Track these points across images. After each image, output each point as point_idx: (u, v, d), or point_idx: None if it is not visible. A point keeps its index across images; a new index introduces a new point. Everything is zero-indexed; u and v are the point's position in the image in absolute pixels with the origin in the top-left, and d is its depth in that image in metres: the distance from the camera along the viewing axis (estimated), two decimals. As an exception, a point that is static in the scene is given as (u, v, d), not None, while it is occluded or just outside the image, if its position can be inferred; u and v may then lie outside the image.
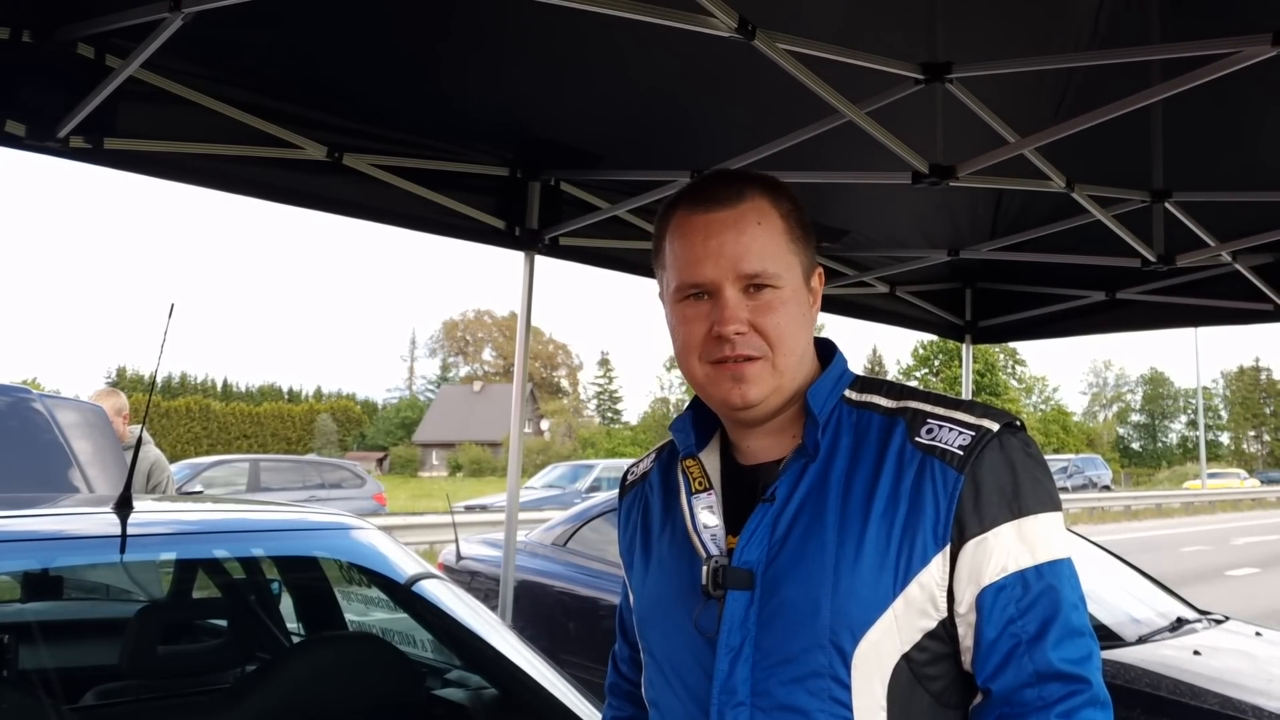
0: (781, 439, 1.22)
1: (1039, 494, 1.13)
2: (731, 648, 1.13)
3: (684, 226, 1.20)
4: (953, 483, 1.11)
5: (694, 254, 1.18)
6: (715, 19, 2.16)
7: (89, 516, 2.49)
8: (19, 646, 2.55)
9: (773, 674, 1.11)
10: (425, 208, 3.40)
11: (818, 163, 3.16)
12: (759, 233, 1.17)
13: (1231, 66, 2.27)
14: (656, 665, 1.26)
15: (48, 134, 2.52)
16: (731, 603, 1.14)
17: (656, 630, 1.26)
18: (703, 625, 1.16)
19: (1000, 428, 1.14)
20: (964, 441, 1.13)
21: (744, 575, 1.14)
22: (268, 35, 2.62)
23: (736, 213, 1.18)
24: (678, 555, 1.23)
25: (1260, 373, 76.96)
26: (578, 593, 5.50)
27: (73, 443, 3.80)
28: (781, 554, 1.14)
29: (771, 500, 1.16)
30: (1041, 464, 1.16)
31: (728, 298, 1.16)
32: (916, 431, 1.16)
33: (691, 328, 1.19)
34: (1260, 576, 13.82)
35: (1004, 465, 1.13)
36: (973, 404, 1.19)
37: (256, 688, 2.20)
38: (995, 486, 1.11)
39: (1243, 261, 4.03)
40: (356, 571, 2.94)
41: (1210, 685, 3.44)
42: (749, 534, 1.16)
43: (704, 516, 1.21)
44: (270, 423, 65.65)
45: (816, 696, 1.09)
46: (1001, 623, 1.09)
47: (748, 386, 1.16)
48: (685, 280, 1.19)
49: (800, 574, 1.12)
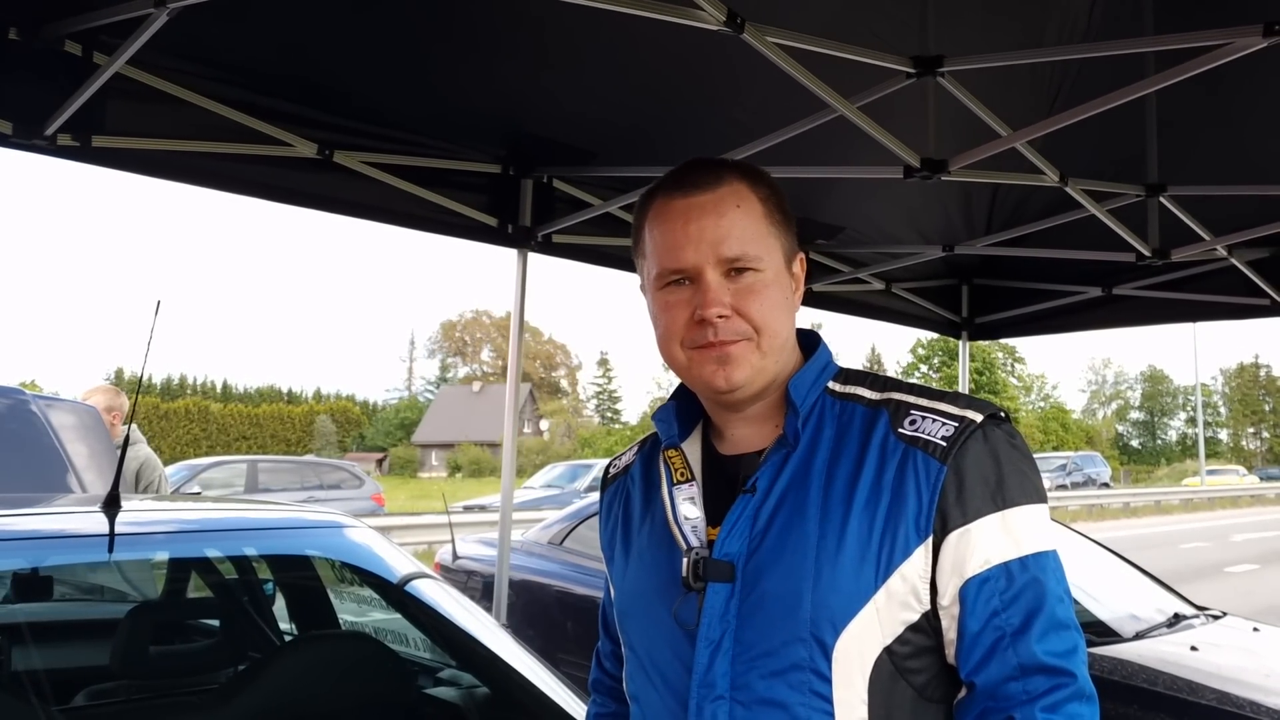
0: (764, 429, 1.21)
1: (1023, 485, 1.12)
2: (711, 641, 1.12)
3: (663, 213, 1.19)
4: (935, 474, 1.09)
5: (674, 239, 1.17)
6: (704, 12, 2.15)
7: (76, 516, 2.48)
8: (10, 647, 2.54)
9: (752, 667, 1.10)
10: (417, 205, 3.39)
11: (810, 158, 3.15)
12: (738, 216, 1.16)
13: (1224, 58, 2.26)
14: (637, 659, 1.25)
15: (35, 131, 2.51)
16: (712, 595, 1.13)
17: (636, 624, 1.25)
18: (682, 618, 1.14)
19: (984, 418, 1.13)
20: (947, 433, 1.11)
21: (725, 567, 1.13)
22: (256, 31, 2.61)
23: (715, 196, 1.17)
24: (657, 547, 1.22)
25: (1260, 369, 77.02)
26: (574, 591, 5.49)
27: (66, 444, 3.79)
28: (762, 546, 1.12)
29: (752, 491, 1.15)
30: (1026, 455, 1.15)
31: (709, 281, 1.14)
32: (900, 423, 1.14)
33: (673, 314, 1.17)
34: (1259, 573, 13.82)
35: (988, 456, 1.11)
36: (957, 395, 1.18)
37: (248, 687, 2.19)
38: (979, 478, 1.10)
39: (1239, 256, 4.02)
40: (349, 571, 2.92)
41: (1207, 681, 3.43)
42: (730, 526, 1.15)
43: (685, 508, 1.20)
44: (269, 424, 65.66)
45: (797, 690, 1.08)
46: (985, 615, 1.07)
47: (731, 368, 1.15)
48: (666, 266, 1.18)
49: (781, 566, 1.10)
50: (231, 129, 2.86)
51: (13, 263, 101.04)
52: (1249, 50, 2.21)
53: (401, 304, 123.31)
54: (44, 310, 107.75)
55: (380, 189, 3.27)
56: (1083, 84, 2.76)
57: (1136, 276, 4.51)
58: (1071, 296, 4.83)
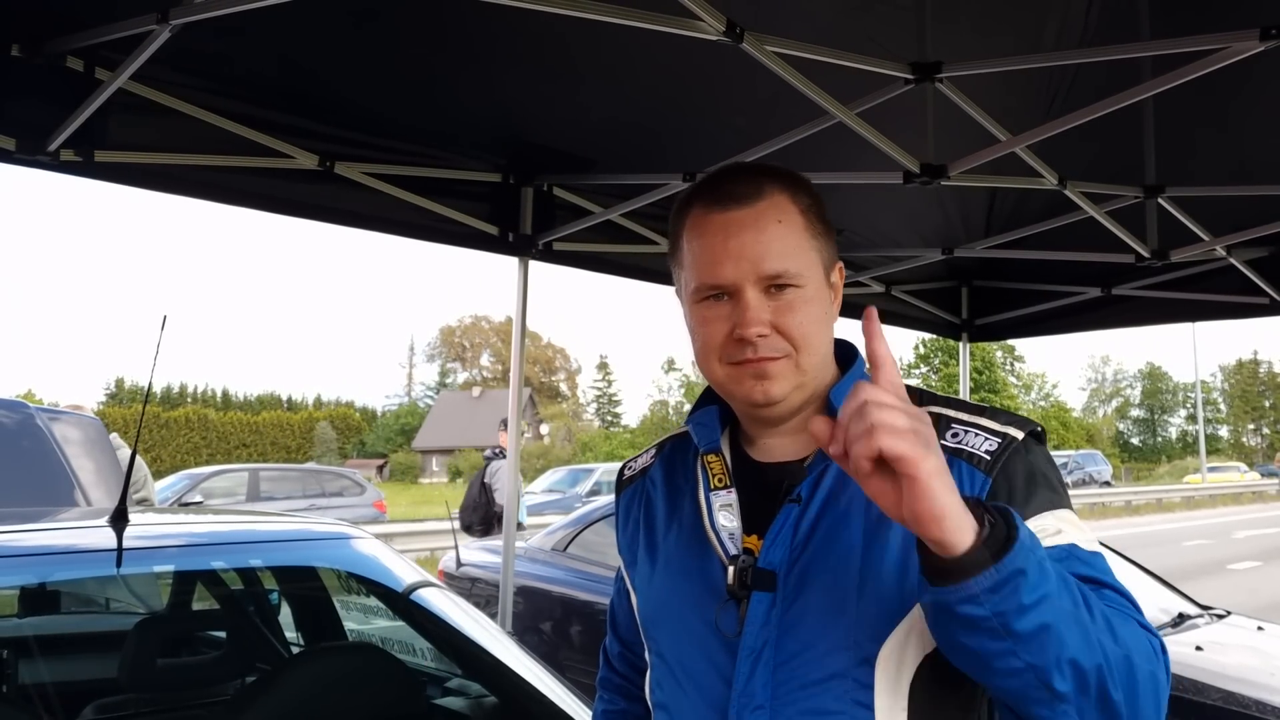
0: (799, 438, 1.20)
1: (1065, 495, 1.13)
2: (753, 650, 1.11)
3: (701, 225, 1.17)
4: (980, 484, 1.08)
5: (713, 255, 1.14)
6: (703, 22, 2.16)
7: (85, 530, 2.49)
8: (17, 661, 2.55)
9: (794, 676, 1.09)
10: (418, 215, 3.40)
11: (809, 164, 3.15)
12: (779, 231, 1.14)
13: (1220, 62, 2.27)
14: (666, 667, 1.22)
15: (38, 147, 2.52)
16: (755, 604, 1.12)
17: (665, 631, 1.23)
18: (723, 626, 1.13)
19: (1025, 435, 1.13)
20: (991, 447, 1.11)
21: (767, 576, 1.12)
22: (256, 44, 2.62)
23: (755, 211, 1.14)
24: (688, 554, 1.21)
25: (1259, 366, 77.02)
26: (579, 597, 5.49)
27: (71, 457, 3.80)
28: (804, 555, 1.11)
29: (798, 501, 1.14)
30: (1059, 473, 1.16)
31: (749, 299, 1.12)
32: (942, 435, 1.12)
33: (712, 329, 1.16)
34: (1262, 570, 13.82)
35: (1033, 469, 1.11)
36: (996, 411, 1.17)
37: (256, 699, 2.19)
38: (1030, 483, 1.10)
39: (1238, 256, 4.03)
40: (355, 581, 2.93)
41: (1213, 681, 3.44)
42: (774, 535, 1.13)
43: (721, 515, 1.19)
44: (269, 432, 65.61)
45: (839, 699, 1.07)
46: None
47: (770, 384, 1.14)
48: (705, 282, 1.15)
49: (824, 577, 1.10)
50: (233, 142, 2.87)
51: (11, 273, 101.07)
52: (1245, 54, 2.22)
53: (400, 310, 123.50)
54: (42, 321, 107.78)
55: (381, 199, 3.28)
56: (1080, 88, 2.77)
57: (1136, 277, 4.51)
58: (1071, 297, 4.84)
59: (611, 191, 3.68)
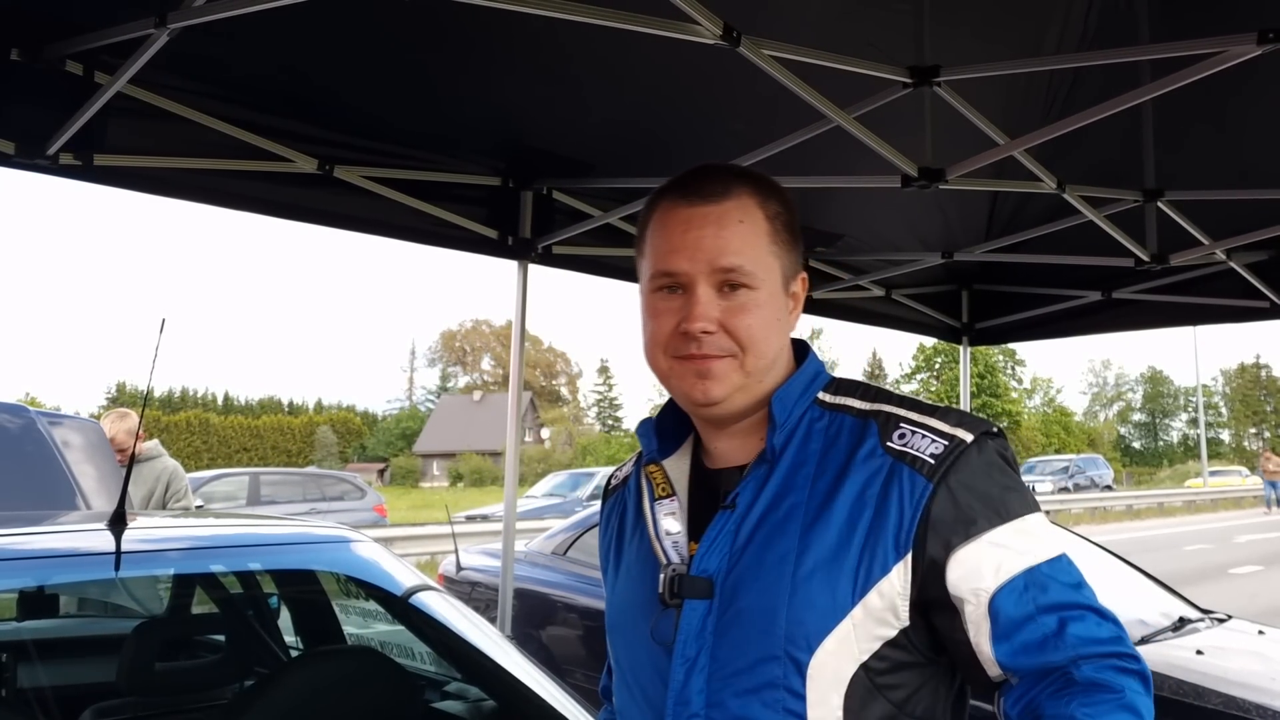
0: (749, 442, 1.19)
1: (1022, 498, 1.11)
2: (687, 658, 1.11)
3: (666, 217, 1.18)
4: (920, 491, 1.07)
5: (670, 244, 1.15)
6: (700, 26, 2.16)
7: (82, 533, 2.49)
8: (16, 665, 2.55)
9: (727, 685, 1.08)
10: (418, 219, 3.41)
11: (808, 167, 3.16)
12: (740, 230, 1.14)
13: (1218, 66, 2.27)
14: (621, 674, 1.24)
15: (37, 151, 2.53)
16: (689, 612, 1.12)
17: (620, 639, 1.24)
18: (659, 635, 1.13)
19: (975, 437, 1.11)
20: (936, 450, 1.09)
21: (703, 584, 1.12)
22: (255, 48, 2.62)
23: (720, 209, 1.15)
24: (642, 563, 1.21)
25: (1260, 370, 76.96)
26: (579, 601, 5.48)
27: (71, 461, 3.80)
28: (741, 562, 1.11)
29: (732, 507, 1.13)
30: (1016, 469, 1.14)
31: (699, 295, 1.13)
32: (889, 436, 1.12)
33: (660, 321, 1.16)
34: (1263, 574, 13.79)
35: (981, 473, 1.10)
36: (949, 410, 1.16)
37: (255, 703, 2.19)
38: (976, 495, 1.08)
39: (1238, 259, 4.03)
40: (354, 585, 2.93)
41: (1214, 685, 3.43)
42: (709, 542, 1.13)
43: (666, 523, 1.19)
44: (270, 435, 65.57)
45: (770, 708, 1.06)
46: (1020, 620, 1.05)
47: (711, 383, 1.13)
48: (659, 268, 1.16)
49: (758, 583, 1.09)
50: (232, 146, 2.87)
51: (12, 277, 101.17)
52: (1243, 58, 2.22)
53: (401, 314, 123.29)
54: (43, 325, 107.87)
55: (381, 203, 3.28)
56: (1079, 92, 2.78)
57: (1136, 280, 4.52)
58: (1071, 301, 4.84)
59: (611, 195, 3.68)
